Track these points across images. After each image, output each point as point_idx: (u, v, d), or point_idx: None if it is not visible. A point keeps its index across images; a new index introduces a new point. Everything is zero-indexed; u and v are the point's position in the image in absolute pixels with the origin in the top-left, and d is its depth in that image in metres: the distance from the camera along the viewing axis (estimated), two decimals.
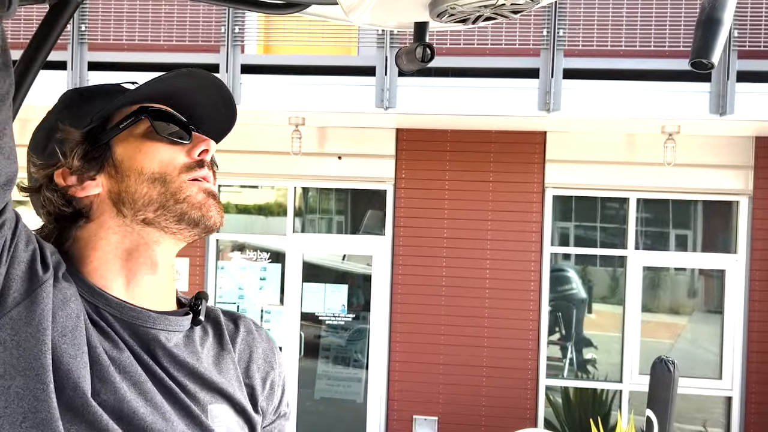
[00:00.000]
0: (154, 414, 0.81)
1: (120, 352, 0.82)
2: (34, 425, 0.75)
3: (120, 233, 0.87)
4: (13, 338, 0.76)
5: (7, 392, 0.75)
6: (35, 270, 0.79)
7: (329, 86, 5.47)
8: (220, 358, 0.93)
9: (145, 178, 0.86)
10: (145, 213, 0.86)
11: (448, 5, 0.98)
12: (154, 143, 0.88)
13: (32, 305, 0.77)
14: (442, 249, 6.19)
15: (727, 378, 6.04)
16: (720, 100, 5.06)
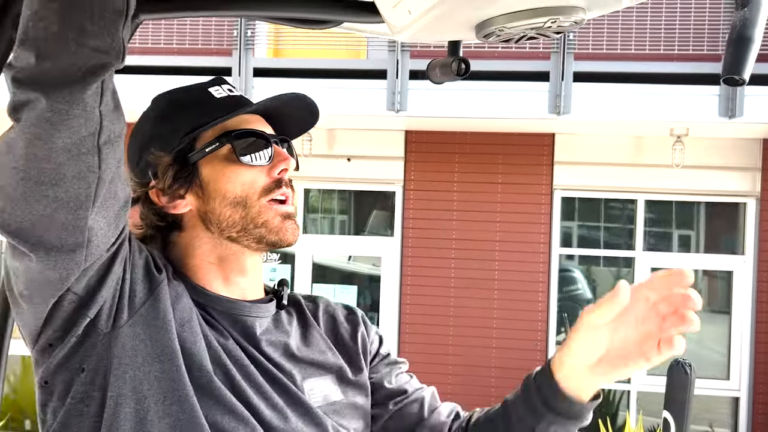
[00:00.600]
0: (258, 394, 0.92)
1: (226, 340, 0.94)
2: (173, 402, 0.87)
3: (210, 245, 0.98)
4: (146, 331, 0.88)
5: (149, 377, 0.87)
6: (152, 273, 0.92)
7: (340, 89, 5.52)
8: (307, 334, 1.03)
9: (228, 202, 0.95)
10: (230, 232, 0.96)
11: (497, 27, 1.02)
12: (236, 167, 0.96)
13: (155, 302, 0.90)
14: (450, 250, 6.23)
15: (734, 378, 6.08)
16: (729, 103, 5.10)
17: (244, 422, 0.90)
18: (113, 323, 0.88)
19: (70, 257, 0.82)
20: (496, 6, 0.97)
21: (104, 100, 0.79)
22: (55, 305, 0.85)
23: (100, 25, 0.76)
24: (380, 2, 1.04)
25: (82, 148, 0.78)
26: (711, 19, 5.34)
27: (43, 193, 0.78)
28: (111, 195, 0.83)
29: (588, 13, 1.05)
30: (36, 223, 0.80)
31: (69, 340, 0.87)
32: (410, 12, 0.98)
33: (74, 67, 0.76)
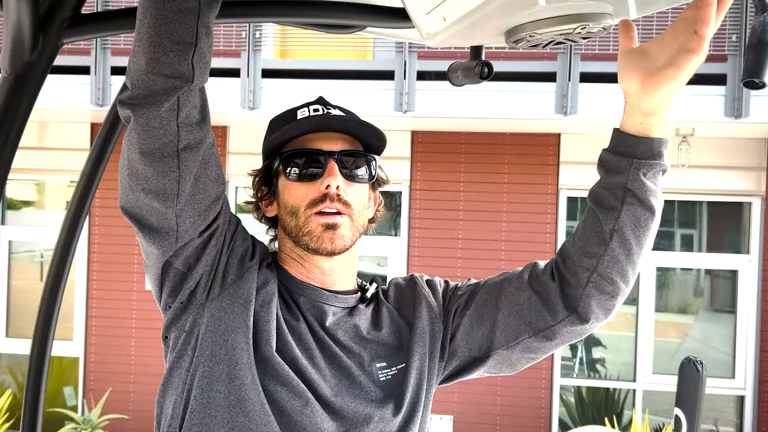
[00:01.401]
0: (317, 372, 1.07)
1: (298, 324, 1.10)
2: (240, 368, 1.03)
3: (290, 243, 1.16)
4: (230, 306, 1.07)
5: (227, 344, 1.05)
6: (245, 259, 1.11)
7: (347, 90, 5.54)
8: (378, 317, 1.17)
9: (287, 211, 1.14)
10: (291, 237, 1.15)
11: (527, 33, 1.05)
12: (290, 182, 1.14)
13: (242, 283, 1.08)
14: (456, 250, 6.26)
15: (740, 377, 6.10)
16: (735, 104, 5.13)
17: (298, 395, 1.04)
18: (207, 295, 1.07)
19: (164, 237, 1.04)
20: (529, 13, 1.00)
21: (182, 114, 0.98)
22: (163, 275, 1.08)
23: (170, 56, 0.96)
24: (413, 9, 1.07)
25: (164, 152, 0.99)
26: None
27: (140, 186, 1.01)
28: (198, 191, 1.03)
29: (615, 18, 1.08)
30: (139, 209, 1.03)
31: (176, 305, 1.09)
32: (445, 19, 1.01)
33: (152, 92, 0.97)
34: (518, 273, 1.19)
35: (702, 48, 1.00)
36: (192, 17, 0.96)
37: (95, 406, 6.26)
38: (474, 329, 1.15)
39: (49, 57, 1.12)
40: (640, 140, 1.04)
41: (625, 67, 1.04)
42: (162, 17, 0.95)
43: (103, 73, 5.51)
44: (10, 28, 1.06)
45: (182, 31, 0.96)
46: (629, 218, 1.04)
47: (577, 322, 1.08)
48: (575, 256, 1.09)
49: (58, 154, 6.58)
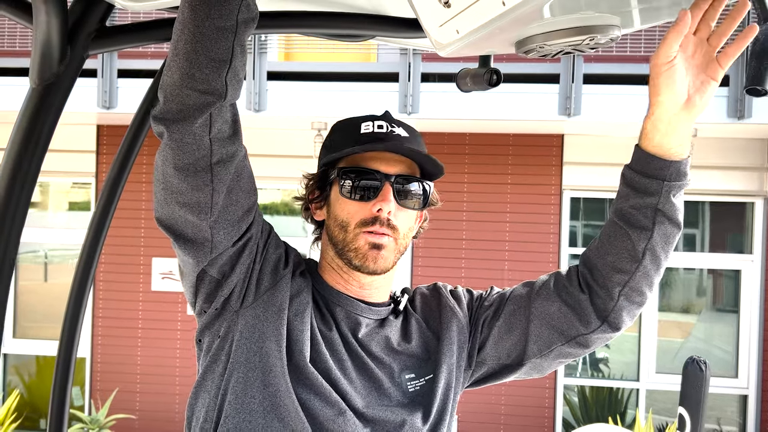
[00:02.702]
0: (348, 382, 1.10)
1: (331, 333, 1.12)
2: (274, 375, 1.06)
3: (332, 252, 1.18)
4: (264, 314, 1.09)
5: (261, 351, 1.07)
6: (279, 268, 1.13)
7: (351, 92, 5.58)
8: (407, 328, 1.20)
9: (336, 223, 1.16)
10: (336, 248, 1.17)
11: (537, 44, 1.09)
12: (341, 198, 1.15)
13: (276, 292, 1.11)
14: (460, 250, 6.29)
15: (743, 376, 6.13)
16: (738, 105, 5.15)
17: (331, 405, 1.06)
18: (241, 303, 1.10)
19: (199, 248, 1.06)
20: (540, 25, 1.04)
21: (214, 129, 1.00)
22: (198, 283, 1.10)
23: (205, 72, 0.98)
24: (426, 21, 1.10)
25: (198, 166, 1.01)
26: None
27: (175, 200, 1.04)
28: (231, 203, 1.05)
29: (623, 30, 1.12)
30: (174, 221, 1.06)
31: (211, 311, 1.11)
32: (458, 32, 1.04)
33: (185, 107, 0.99)
34: (544, 283, 1.22)
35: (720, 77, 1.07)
36: (229, 35, 0.97)
37: (102, 406, 6.31)
38: (503, 339, 1.20)
39: (75, 69, 1.16)
40: (671, 164, 1.08)
41: (670, 79, 1.04)
42: (200, 34, 0.96)
43: (110, 76, 5.55)
44: (39, 41, 1.10)
45: (219, 49, 0.97)
46: (660, 237, 1.09)
47: (608, 330, 1.14)
48: (605, 270, 1.13)
49: (64, 156, 6.62)
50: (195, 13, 0.95)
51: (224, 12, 0.96)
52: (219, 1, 0.95)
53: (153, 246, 6.51)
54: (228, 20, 0.97)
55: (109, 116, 5.91)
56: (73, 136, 6.58)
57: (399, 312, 1.21)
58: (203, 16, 0.95)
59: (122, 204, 1.16)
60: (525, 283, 1.25)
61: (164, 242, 6.51)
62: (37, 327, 6.81)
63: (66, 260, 7.02)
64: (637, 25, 1.17)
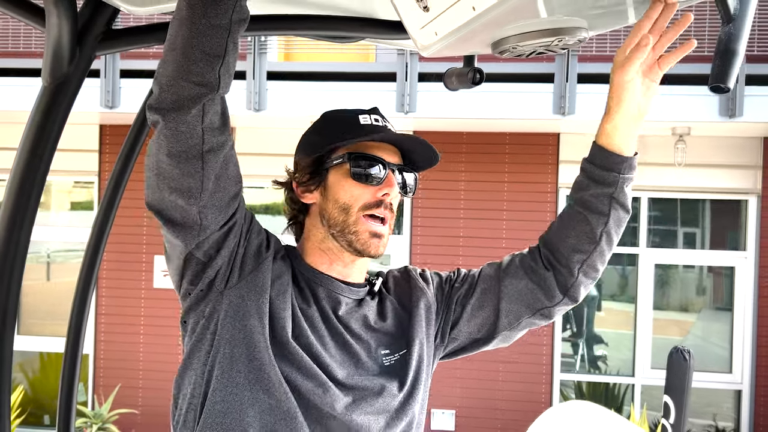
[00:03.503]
0: (329, 356, 1.19)
1: (311, 311, 1.21)
2: (258, 350, 1.14)
3: (321, 235, 1.26)
4: (248, 294, 1.16)
5: (244, 329, 1.15)
6: (261, 251, 1.20)
7: (350, 92, 5.66)
8: (382, 308, 1.30)
9: (338, 206, 1.23)
10: (333, 230, 1.24)
11: (510, 45, 1.18)
12: (350, 180, 1.23)
13: (258, 273, 1.18)
14: (458, 248, 6.37)
15: (737, 372, 6.21)
16: (729, 103, 5.23)
17: (312, 376, 1.15)
18: (226, 284, 1.16)
19: (188, 231, 1.13)
20: (511, 28, 1.13)
21: (206, 119, 1.08)
22: (185, 265, 1.17)
23: (200, 66, 1.06)
24: (408, 24, 1.19)
25: (189, 154, 1.09)
26: (711, 21, 5.47)
27: (167, 185, 1.10)
28: (219, 189, 1.12)
29: (590, 32, 1.21)
30: (165, 206, 1.12)
31: (196, 292, 1.17)
32: (436, 34, 1.13)
33: (180, 97, 1.06)
34: (510, 263, 1.36)
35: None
36: (224, 33, 1.06)
37: (105, 402, 6.40)
38: (476, 316, 1.33)
39: (84, 68, 1.25)
40: (625, 159, 1.26)
41: (631, 92, 1.22)
42: (197, 30, 1.04)
43: (113, 76, 5.64)
44: (50, 43, 1.19)
45: (213, 45, 1.05)
46: (614, 221, 1.27)
47: (569, 302, 1.31)
48: (566, 251, 1.29)
49: (67, 155, 6.71)
50: (192, 10, 1.04)
51: (219, 11, 1.05)
52: (215, 1, 1.04)
53: (155, 244, 6.60)
54: (223, 19, 1.05)
55: (112, 116, 6.00)
56: (76, 136, 6.67)
57: (374, 293, 1.30)
58: (200, 14, 1.04)
59: (124, 202, 1.23)
60: (489, 264, 1.39)
61: None
62: (40, 324, 6.90)
63: (68, 259, 7.10)
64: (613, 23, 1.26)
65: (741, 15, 1.29)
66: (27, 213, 1.23)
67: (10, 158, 1.24)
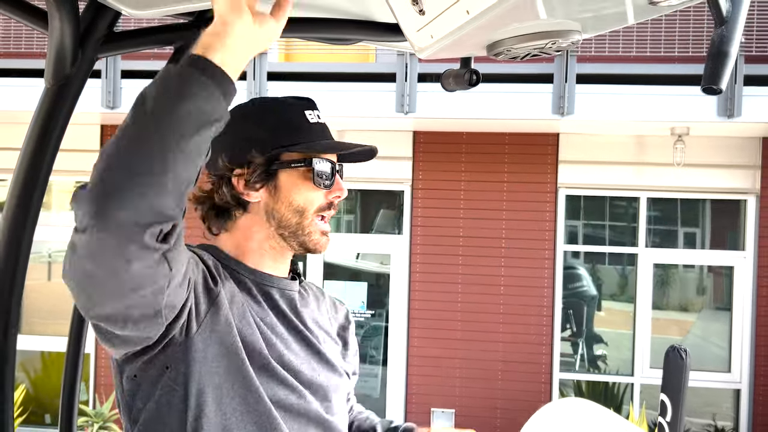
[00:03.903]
0: (297, 359, 1.15)
1: (269, 318, 1.15)
2: (243, 386, 1.07)
3: (266, 234, 1.18)
4: (212, 335, 1.06)
5: (219, 370, 1.06)
6: (209, 286, 1.08)
7: (350, 92, 5.68)
8: (320, 308, 1.30)
9: (292, 208, 1.16)
10: (283, 231, 1.18)
11: (505, 48, 1.20)
12: (308, 184, 1.16)
13: (217, 310, 1.07)
14: (458, 248, 6.39)
15: (735, 371, 6.22)
16: (728, 103, 5.25)
17: (292, 388, 1.12)
18: (186, 334, 1.03)
19: (155, 321, 0.95)
20: (505, 31, 1.15)
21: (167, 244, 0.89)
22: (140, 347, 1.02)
23: (173, 197, 0.87)
24: (405, 26, 1.21)
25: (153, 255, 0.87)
26: (710, 22, 5.48)
27: (132, 295, 0.89)
28: (180, 271, 0.94)
29: (583, 34, 1.23)
30: (125, 313, 0.92)
31: (154, 350, 1.03)
32: (432, 36, 1.16)
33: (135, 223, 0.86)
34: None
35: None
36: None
37: (106, 401, 6.42)
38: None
39: (86, 70, 1.28)
40: None
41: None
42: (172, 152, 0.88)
43: (114, 77, 5.67)
44: (53, 45, 1.21)
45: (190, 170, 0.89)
46: None
47: None
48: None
49: (68, 155, 6.72)
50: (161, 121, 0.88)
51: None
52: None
53: None
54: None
55: (113, 116, 6.02)
56: (77, 136, 6.68)
57: (301, 281, 1.28)
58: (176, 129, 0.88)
59: None
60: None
61: None
62: (42, 323, 6.92)
63: None
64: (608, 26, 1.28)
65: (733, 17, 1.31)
66: (30, 213, 1.25)
67: (13, 158, 1.26)
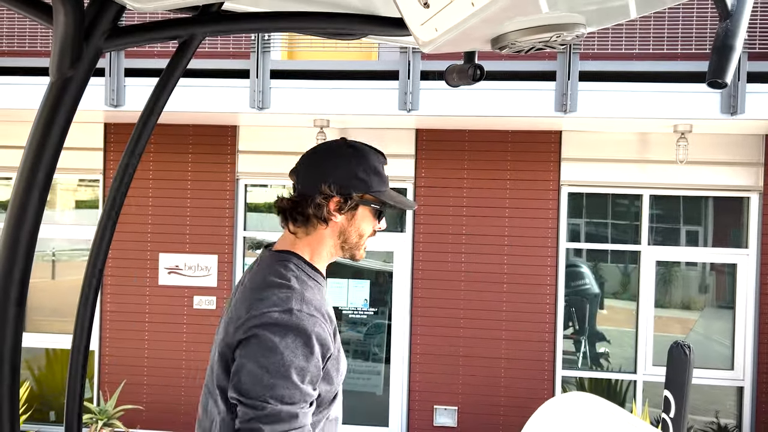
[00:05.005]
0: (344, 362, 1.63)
1: (332, 328, 1.54)
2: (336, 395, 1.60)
3: (332, 244, 1.64)
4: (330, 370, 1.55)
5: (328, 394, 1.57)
6: (329, 350, 1.51)
7: (353, 90, 5.68)
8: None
9: (357, 233, 1.62)
10: (344, 245, 1.64)
11: (509, 41, 1.20)
12: (372, 219, 1.64)
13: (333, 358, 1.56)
14: (460, 245, 6.39)
15: (738, 368, 6.22)
16: (731, 100, 5.24)
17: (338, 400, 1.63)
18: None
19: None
20: (509, 24, 1.15)
21: None
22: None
23: None
24: (409, 20, 1.21)
25: None
26: (713, 18, 5.48)
27: None
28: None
29: (588, 27, 1.23)
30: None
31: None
32: (437, 30, 1.15)
33: None
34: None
35: None
36: None
37: (110, 398, 6.44)
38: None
39: (90, 64, 1.28)
40: None
41: None
42: None
43: (117, 75, 5.68)
44: (58, 39, 1.22)
45: None
46: None
47: None
48: None
49: (72, 153, 6.75)
50: None
51: None
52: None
53: (160, 241, 6.64)
54: None
55: (117, 114, 6.03)
56: (81, 134, 6.71)
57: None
58: None
59: (130, 200, 1.25)
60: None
61: (171, 238, 6.65)
62: (46, 321, 6.94)
63: (74, 257, 7.14)
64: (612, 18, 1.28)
65: (738, 11, 1.31)
66: (35, 206, 1.25)
67: (17, 156, 1.27)
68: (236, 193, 6.61)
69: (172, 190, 6.61)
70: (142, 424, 6.64)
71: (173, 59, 1.31)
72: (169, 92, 1.36)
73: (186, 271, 6.62)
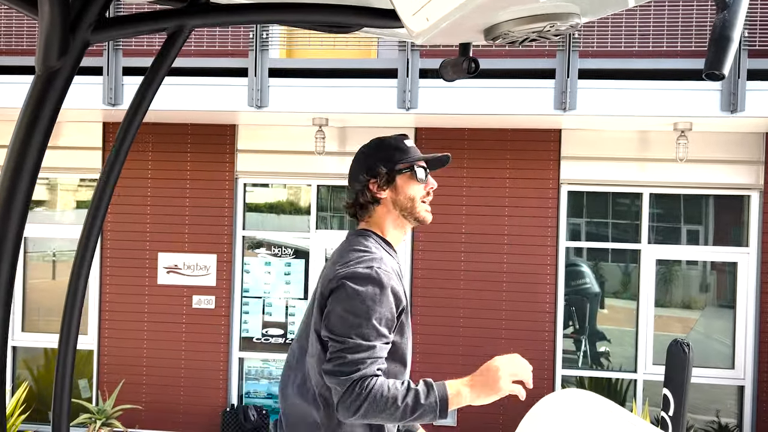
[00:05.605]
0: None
1: (402, 288, 1.83)
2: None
3: (393, 215, 1.94)
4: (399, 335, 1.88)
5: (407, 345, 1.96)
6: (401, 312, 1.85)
7: (352, 88, 5.67)
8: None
9: (406, 198, 1.92)
10: (403, 212, 1.93)
11: (503, 32, 1.18)
12: (413, 182, 1.92)
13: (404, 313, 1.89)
14: (460, 244, 6.38)
15: (739, 368, 6.20)
16: (731, 98, 5.22)
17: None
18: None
19: None
20: (502, 13, 1.13)
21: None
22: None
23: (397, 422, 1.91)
24: (401, 10, 1.19)
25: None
26: (713, 15, 5.45)
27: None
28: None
29: (583, 18, 1.21)
30: None
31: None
32: (428, 19, 1.13)
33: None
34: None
35: None
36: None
37: (109, 397, 6.42)
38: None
39: (77, 57, 1.26)
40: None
41: None
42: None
43: (115, 74, 5.66)
44: (43, 31, 1.20)
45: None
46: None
47: None
48: None
49: (70, 152, 6.74)
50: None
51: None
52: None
53: (158, 241, 6.62)
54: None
55: (115, 113, 6.01)
56: (80, 133, 6.70)
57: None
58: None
59: (128, 200, 1.23)
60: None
61: (169, 237, 6.64)
62: (45, 321, 6.93)
63: (73, 258, 7.13)
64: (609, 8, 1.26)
65: (736, 2, 1.29)
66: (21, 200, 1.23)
67: None
68: (235, 192, 6.60)
69: (170, 189, 6.59)
70: (140, 424, 6.62)
71: (160, 53, 1.29)
72: (156, 87, 1.33)
73: (185, 270, 6.60)
